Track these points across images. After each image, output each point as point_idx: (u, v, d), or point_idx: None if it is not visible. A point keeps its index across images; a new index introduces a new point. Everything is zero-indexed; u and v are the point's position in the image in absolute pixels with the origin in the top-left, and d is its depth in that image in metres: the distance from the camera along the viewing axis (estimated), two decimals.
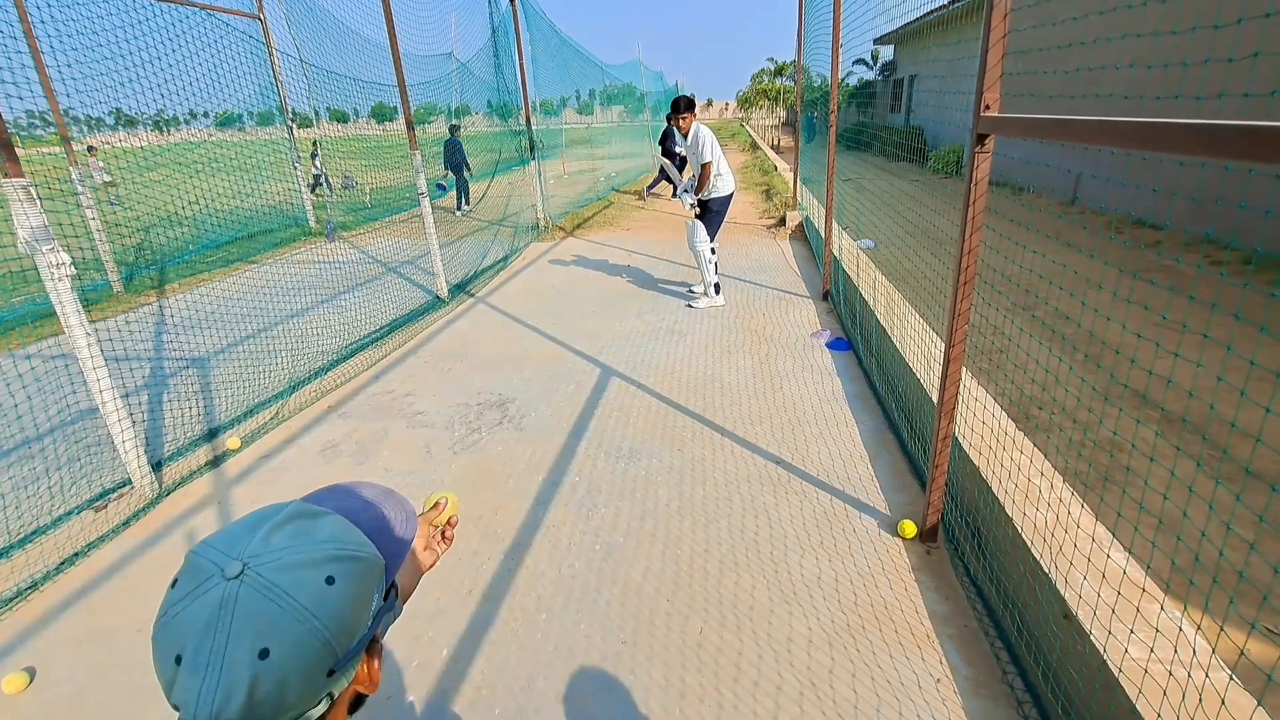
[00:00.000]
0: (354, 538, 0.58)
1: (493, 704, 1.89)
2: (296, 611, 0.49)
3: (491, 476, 3.07)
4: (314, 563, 0.52)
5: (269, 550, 0.52)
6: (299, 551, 0.52)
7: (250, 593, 0.49)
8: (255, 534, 0.53)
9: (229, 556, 0.51)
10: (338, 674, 0.53)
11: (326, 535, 0.55)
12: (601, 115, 21.86)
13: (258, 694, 0.47)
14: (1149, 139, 1.15)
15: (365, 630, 0.55)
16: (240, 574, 0.49)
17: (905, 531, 2.48)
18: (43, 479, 3.13)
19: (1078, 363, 3.95)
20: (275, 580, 0.50)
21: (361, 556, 0.57)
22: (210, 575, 0.50)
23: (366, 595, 0.56)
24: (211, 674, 0.47)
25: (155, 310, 6.16)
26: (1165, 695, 1.34)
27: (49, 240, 2.57)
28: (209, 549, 0.52)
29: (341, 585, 0.53)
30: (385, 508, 0.70)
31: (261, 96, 8.94)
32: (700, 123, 5.19)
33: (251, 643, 0.48)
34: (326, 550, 0.54)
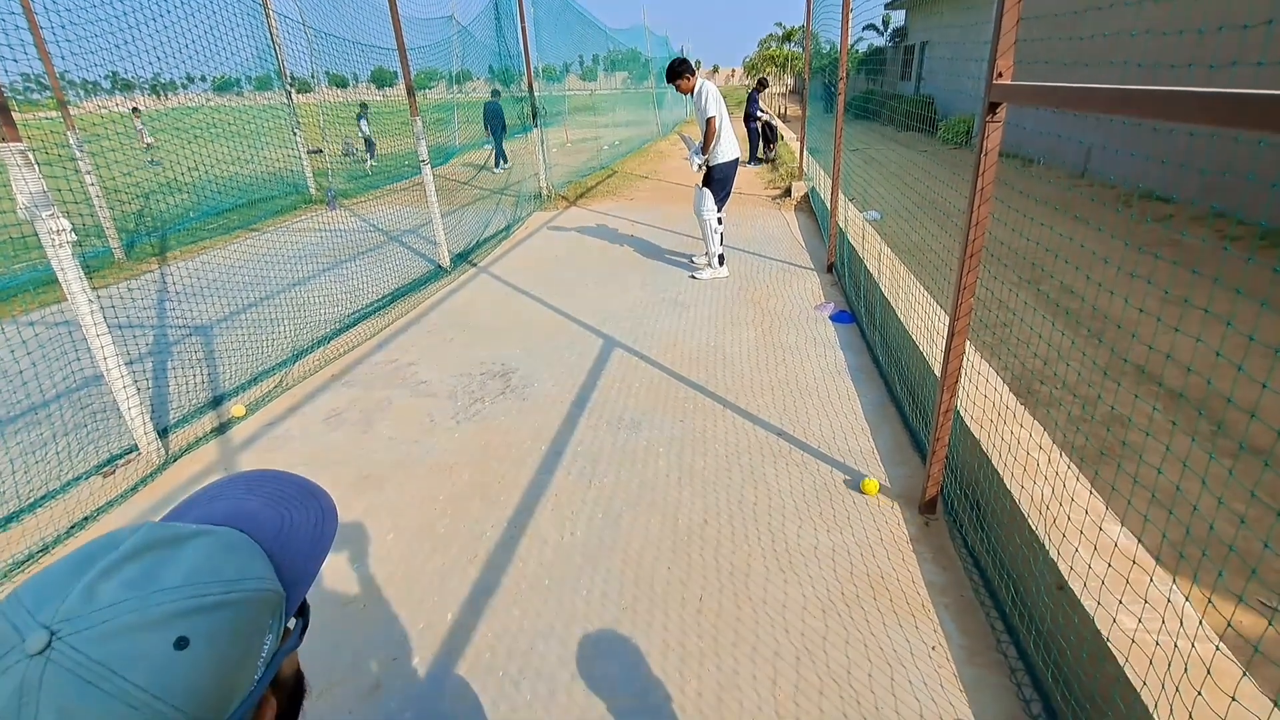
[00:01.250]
0: (227, 570, 0.43)
1: (497, 666, 1.93)
2: (128, 695, 0.36)
3: (494, 446, 3.09)
4: (156, 621, 0.38)
5: (92, 608, 0.38)
6: (134, 608, 0.38)
7: (60, 674, 0.35)
8: (77, 584, 0.38)
9: (34, 620, 0.37)
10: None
11: (182, 576, 0.41)
12: (605, 82, 21.48)
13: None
14: (1164, 108, 1.13)
15: (252, 685, 0.43)
16: (45, 648, 0.36)
17: (868, 489, 2.59)
18: (50, 444, 3.17)
19: (1081, 338, 3.93)
20: (95, 654, 0.36)
21: (233, 598, 0.42)
22: (11, 648, 0.36)
23: (249, 644, 0.43)
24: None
25: (157, 278, 6.15)
26: (1151, 664, 1.36)
27: (49, 206, 2.55)
28: (14, 606, 0.38)
29: (200, 646, 0.39)
30: (294, 508, 0.52)
31: (259, 60, 8.78)
32: (704, 80, 5.09)
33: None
34: (177, 601, 0.39)
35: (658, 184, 10.54)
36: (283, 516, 0.51)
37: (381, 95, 15.43)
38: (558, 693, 1.84)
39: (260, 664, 0.44)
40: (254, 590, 0.44)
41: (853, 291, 4.74)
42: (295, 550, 0.50)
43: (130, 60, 5.10)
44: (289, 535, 0.50)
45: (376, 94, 15.65)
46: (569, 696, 1.83)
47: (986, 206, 1.96)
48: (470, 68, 10.11)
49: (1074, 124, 8.73)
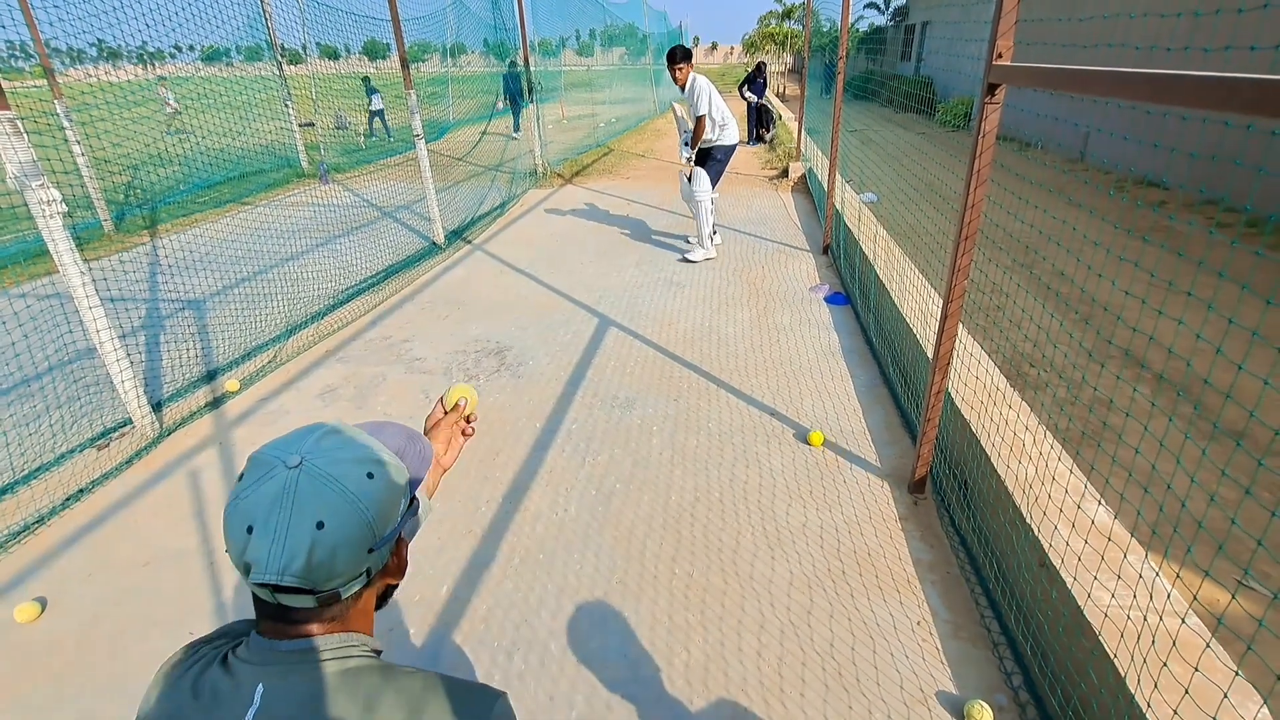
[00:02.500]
0: (385, 452, 0.68)
1: (491, 638, 1.97)
2: (345, 494, 0.60)
3: (489, 423, 3.11)
4: (358, 460, 0.63)
5: (321, 449, 0.62)
6: (346, 451, 0.63)
7: (308, 478, 0.59)
8: (309, 438, 0.63)
9: (290, 451, 0.61)
10: (376, 552, 0.63)
11: (365, 443, 0.66)
12: (602, 57, 21.16)
13: (315, 558, 0.58)
14: (1162, 91, 1.13)
15: (396, 523, 0.66)
16: (299, 464, 0.60)
17: (814, 441, 2.82)
18: (43, 417, 3.17)
19: (1071, 322, 3.97)
20: (329, 470, 0.60)
21: (393, 462, 0.67)
22: (274, 466, 0.60)
23: (396, 496, 0.66)
24: (279, 539, 0.57)
25: (149, 251, 6.09)
26: (1123, 637, 1.41)
27: (38, 176, 2.52)
28: (270, 449, 0.62)
29: (379, 481, 0.63)
30: (406, 441, 0.80)
31: (249, 30, 8.61)
32: (698, 73, 5.00)
33: (311, 516, 0.58)
34: (367, 453, 0.65)
35: (655, 162, 10.46)
36: (400, 444, 0.79)
37: (375, 68, 15.16)
38: (549, 664, 1.88)
39: (400, 513, 0.67)
40: (400, 465, 0.69)
41: (848, 273, 4.75)
42: (411, 463, 0.77)
43: (118, 28, 4.99)
44: (406, 454, 0.78)
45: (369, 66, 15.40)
46: (560, 668, 1.87)
47: (982, 189, 1.96)
48: (465, 41, 9.93)
49: (1072, 107, 8.70)
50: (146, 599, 2.16)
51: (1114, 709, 1.36)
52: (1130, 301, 3.36)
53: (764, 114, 11.63)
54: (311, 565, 0.58)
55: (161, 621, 2.07)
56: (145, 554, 2.36)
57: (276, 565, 0.57)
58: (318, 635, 0.63)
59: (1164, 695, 1.25)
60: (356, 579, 0.63)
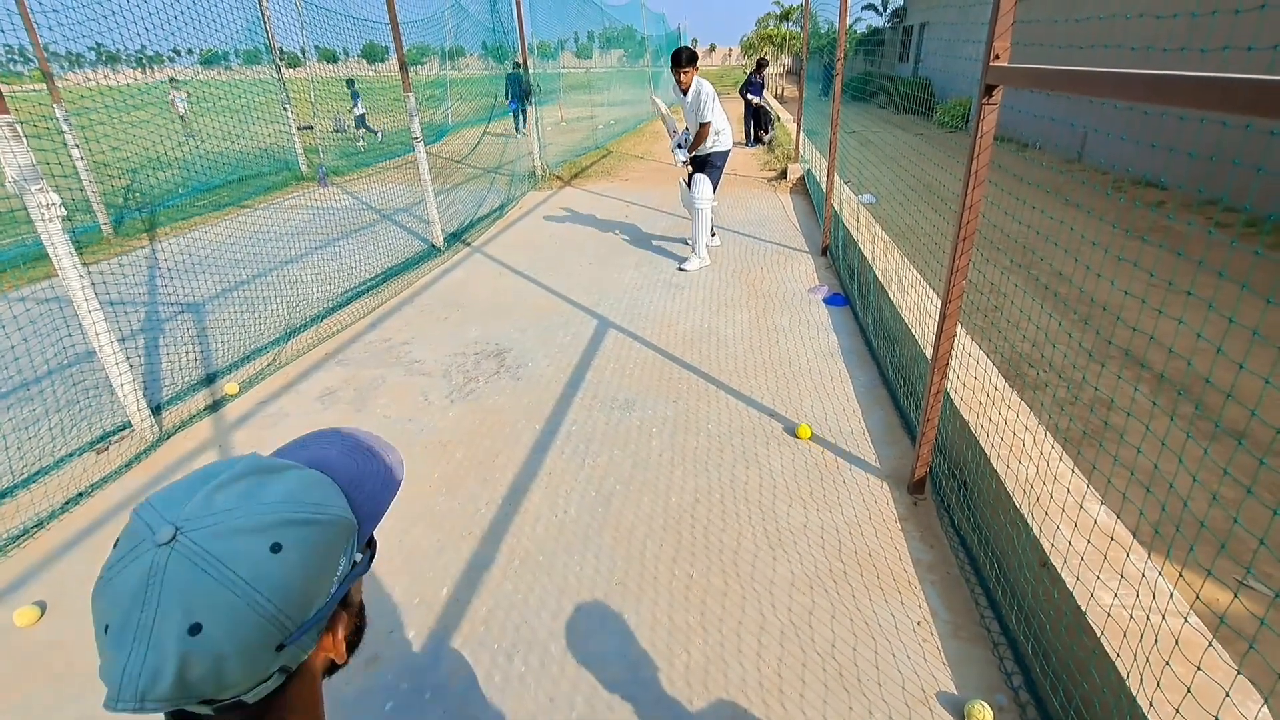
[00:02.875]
0: (314, 496, 0.52)
1: (491, 639, 1.97)
2: (232, 583, 0.44)
3: (489, 425, 3.11)
4: (258, 528, 0.47)
5: (209, 513, 0.46)
6: (242, 515, 0.47)
7: (181, 561, 0.44)
8: (197, 494, 0.47)
9: (163, 519, 0.46)
10: (290, 648, 0.48)
11: (279, 496, 0.49)
12: (600, 60, 21.20)
13: (190, 673, 0.43)
14: (1158, 92, 1.13)
15: (327, 598, 0.50)
16: (171, 539, 0.44)
17: (801, 434, 2.89)
18: (42, 421, 3.16)
19: (1071, 322, 3.97)
20: (209, 548, 0.45)
21: (320, 519, 0.50)
22: (142, 540, 0.45)
23: (327, 560, 0.50)
24: (138, 649, 0.43)
25: (148, 254, 6.09)
26: (1125, 637, 1.41)
27: (38, 180, 2.52)
28: (148, 509, 0.47)
29: (291, 552, 0.47)
30: (365, 458, 0.61)
31: (248, 33, 8.62)
32: (701, 77, 4.96)
33: (181, 617, 0.43)
34: (276, 514, 0.48)
35: (653, 164, 10.47)
36: (357, 464, 0.59)
37: (374, 71, 15.18)
38: (550, 665, 1.88)
39: (335, 580, 0.51)
40: (334, 516, 0.52)
41: (847, 274, 4.75)
42: (366, 493, 0.58)
43: (116, 32, 5.00)
44: (361, 480, 0.58)
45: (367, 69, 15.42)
46: (561, 669, 1.86)
47: (980, 190, 1.97)
48: (463, 43, 9.94)
49: (1069, 107, 8.71)
50: None
51: (1116, 708, 1.36)
52: (1129, 301, 3.37)
53: (762, 115, 11.65)
54: (185, 683, 0.43)
55: None
56: None
57: (132, 688, 0.42)
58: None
59: (1166, 694, 1.25)
60: (264, 682, 0.47)
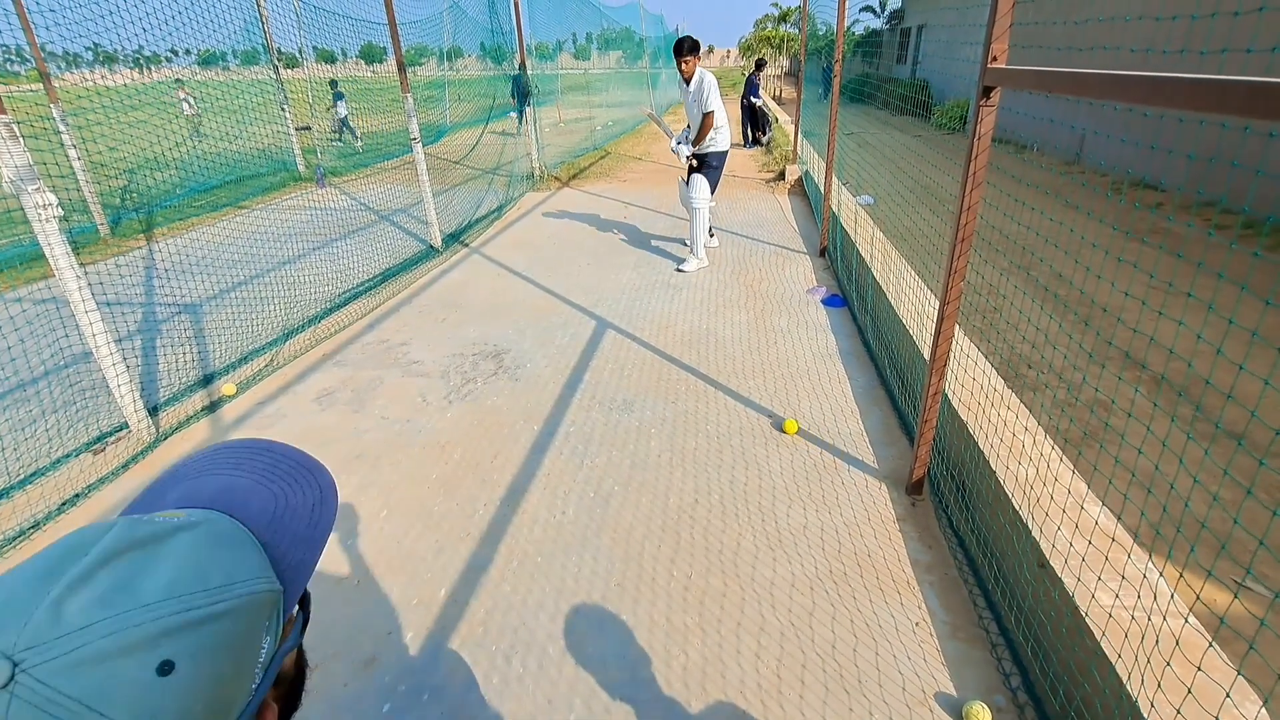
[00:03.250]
0: (215, 573, 0.38)
1: (489, 641, 1.96)
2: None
3: (487, 425, 3.10)
4: (135, 645, 0.33)
5: (59, 632, 0.32)
6: (109, 630, 0.33)
7: (26, 712, 0.30)
8: (41, 601, 0.33)
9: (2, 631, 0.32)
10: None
11: (162, 588, 0.35)
12: (599, 61, 21.21)
13: None
14: (1156, 94, 1.14)
15: (251, 695, 0.38)
16: (9, 682, 0.30)
17: (789, 429, 2.91)
18: (39, 421, 3.15)
19: (1070, 323, 3.97)
20: (66, 688, 0.31)
21: (223, 608, 0.37)
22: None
23: (243, 654, 0.38)
24: None
25: (145, 255, 6.08)
26: (1126, 638, 1.41)
27: (34, 180, 2.51)
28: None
29: (186, 668, 0.34)
30: (288, 485, 0.47)
31: (246, 34, 8.61)
32: (704, 69, 5.01)
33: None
34: (160, 618, 0.34)
35: (652, 165, 10.47)
36: (277, 496, 0.45)
37: (371, 71, 15.18)
38: (548, 667, 1.87)
39: (258, 670, 0.39)
40: (246, 594, 0.38)
41: (845, 275, 4.75)
42: (292, 535, 0.44)
43: (114, 32, 4.99)
44: (284, 519, 0.44)
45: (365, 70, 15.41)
46: (559, 671, 1.86)
47: (979, 191, 1.97)
48: (461, 44, 9.94)
49: (1067, 109, 8.73)
50: None
51: (1116, 710, 1.36)
52: (1129, 303, 3.37)
53: (759, 116, 11.67)
54: None
55: None
56: None
57: None
58: None
59: (1166, 695, 1.25)
60: None
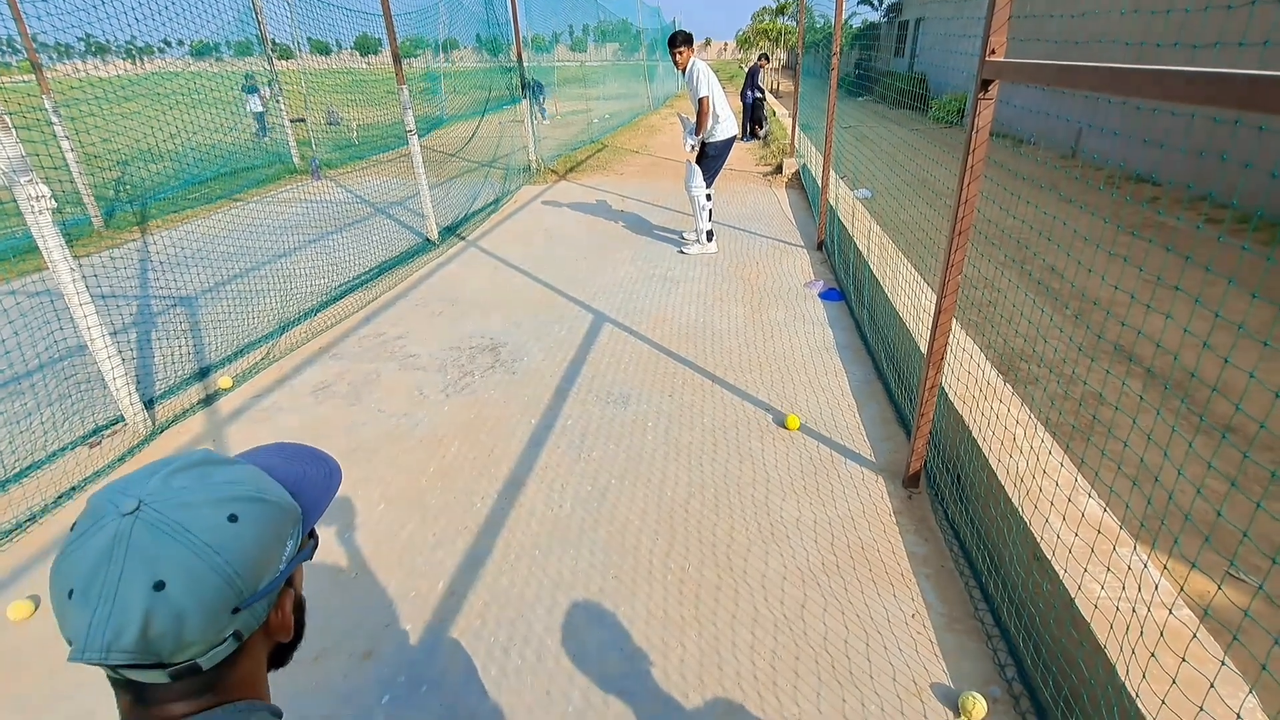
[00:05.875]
0: (263, 484, 0.56)
1: (488, 633, 1.98)
2: (194, 546, 0.49)
3: (485, 419, 3.11)
4: (217, 500, 0.52)
5: (168, 490, 0.51)
6: (200, 489, 0.52)
7: (145, 527, 0.48)
8: (155, 476, 0.52)
9: (125, 495, 0.50)
10: (243, 612, 0.52)
11: (230, 478, 0.54)
12: (595, 53, 21.11)
13: (152, 628, 0.47)
14: (1152, 87, 1.14)
15: (276, 574, 0.55)
16: (136, 509, 0.48)
17: (790, 424, 2.91)
18: (35, 414, 3.14)
19: (1064, 317, 3.99)
20: (172, 516, 0.49)
21: (268, 499, 0.55)
22: (105, 514, 0.49)
23: (276, 538, 0.55)
24: (103, 606, 0.46)
25: (139, 247, 6.05)
26: (1112, 628, 1.42)
27: (27, 172, 2.50)
28: (107, 490, 0.51)
29: (246, 524, 0.52)
30: (306, 464, 0.66)
31: (240, 24, 8.54)
32: (697, 58, 5.03)
33: (146, 576, 0.47)
34: (231, 489, 0.53)
35: (648, 159, 10.44)
36: (298, 470, 0.64)
37: (366, 63, 15.08)
38: (546, 659, 1.88)
39: (283, 559, 0.56)
40: (280, 500, 0.57)
41: (842, 269, 4.76)
42: (309, 491, 0.63)
43: (106, 23, 4.94)
44: (302, 481, 0.63)
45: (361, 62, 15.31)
46: (557, 663, 1.87)
47: (976, 185, 1.97)
48: (457, 36, 9.88)
49: (1064, 103, 8.73)
50: None
51: (1104, 699, 1.38)
52: (1120, 296, 3.39)
53: (757, 109, 11.66)
54: (148, 637, 0.47)
55: None
56: None
57: (100, 640, 0.46)
58: (185, 716, 0.52)
59: (1152, 685, 1.26)
60: (219, 645, 0.51)
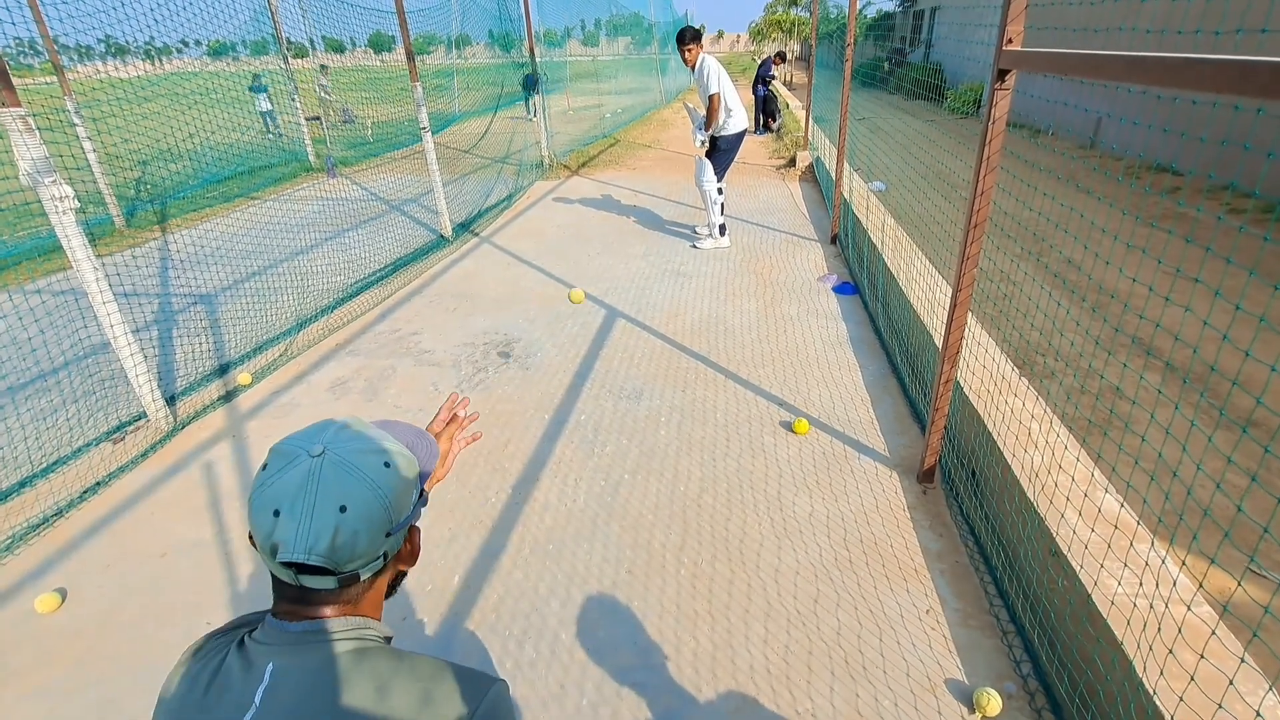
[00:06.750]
0: (398, 444, 0.73)
1: (502, 626, 2.00)
2: (365, 480, 0.65)
3: (499, 414, 3.13)
4: (376, 450, 0.68)
5: (341, 440, 0.67)
6: (362, 442, 0.68)
7: (331, 465, 0.64)
8: (329, 430, 0.68)
9: (313, 441, 0.66)
10: (393, 536, 0.68)
11: (379, 436, 0.71)
12: (607, 47, 21.05)
13: (339, 539, 0.63)
14: (1175, 75, 1.11)
15: (410, 511, 0.71)
16: (322, 453, 0.65)
17: (799, 429, 2.84)
18: (60, 411, 3.21)
19: (1081, 310, 3.93)
20: (349, 458, 0.65)
21: (408, 454, 0.73)
22: (298, 455, 0.64)
23: (410, 485, 0.71)
24: (305, 521, 0.62)
25: (160, 246, 6.14)
26: (1129, 625, 1.41)
27: (51, 172, 2.55)
28: (292, 440, 0.67)
29: (394, 471, 0.68)
30: (415, 439, 0.83)
31: (255, 24, 8.62)
32: (707, 54, 5.01)
33: (335, 500, 0.63)
34: (383, 444, 0.70)
35: (661, 153, 10.41)
36: (411, 441, 0.82)
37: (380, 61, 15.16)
38: (560, 652, 1.90)
39: (413, 502, 0.72)
40: (413, 457, 0.74)
41: (856, 263, 4.72)
42: (421, 455, 0.81)
43: (125, 24, 5.01)
44: (418, 448, 0.82)
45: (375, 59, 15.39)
46: (571, 656, 1.89)
47: (992, 176, 1.95)
48: (469, 32, 9.90)
49: (1083, 93, 8.58)
50: (164, 588, 2.20)
51: (1121, 696, 1.36)
52: (1139, 289, 3.33)
53: (770, 102, 11.58)
54: (335, 546, 0.62)
55: (179, 610, 2.11)
56: (162, 545, 2.40)
57: (304, 545, 0.61)
58: (331, 617, 0.67)
59: (1170, 682, 1.25)
60: (375, 561, 0.67)
